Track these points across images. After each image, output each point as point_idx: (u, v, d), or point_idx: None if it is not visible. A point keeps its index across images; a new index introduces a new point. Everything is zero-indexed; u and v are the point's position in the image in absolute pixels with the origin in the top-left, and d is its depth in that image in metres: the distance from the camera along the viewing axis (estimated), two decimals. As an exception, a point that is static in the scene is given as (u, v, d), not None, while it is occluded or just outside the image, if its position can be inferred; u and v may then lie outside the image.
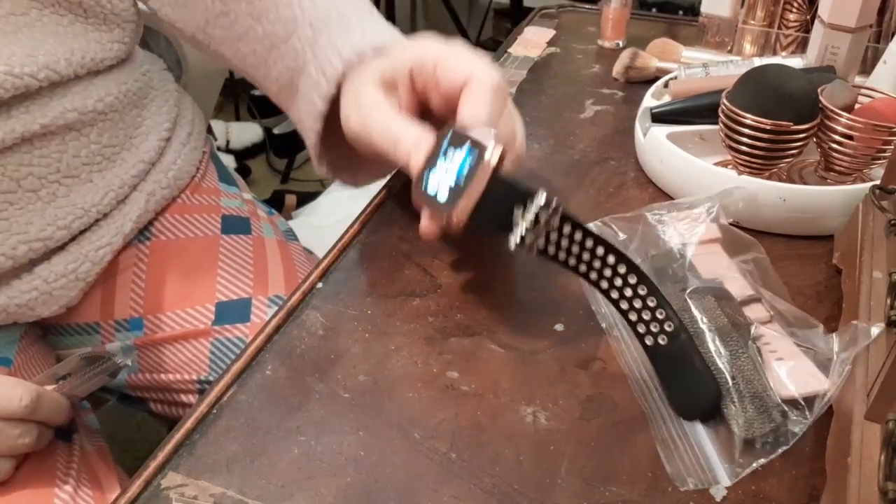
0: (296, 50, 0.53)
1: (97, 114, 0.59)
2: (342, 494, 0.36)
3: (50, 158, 0.56)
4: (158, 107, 0.67)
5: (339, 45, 0.51)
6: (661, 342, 0.40)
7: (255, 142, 2.01)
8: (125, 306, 0.64)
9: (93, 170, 0.59)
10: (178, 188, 0.67)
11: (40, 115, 0.54)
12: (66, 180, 0.57)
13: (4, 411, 0.46)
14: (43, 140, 0.55)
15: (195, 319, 0.63)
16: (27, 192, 0.55)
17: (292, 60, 0.54)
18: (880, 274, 0.41)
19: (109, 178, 0.61)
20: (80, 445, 0.55)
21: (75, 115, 0.56)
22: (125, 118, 0.62)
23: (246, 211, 0.71)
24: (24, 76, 0.52)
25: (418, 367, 0.42)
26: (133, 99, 0.63)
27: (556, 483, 0.36)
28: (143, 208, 0.63)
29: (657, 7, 1.82)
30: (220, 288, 0.64)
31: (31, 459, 0.50)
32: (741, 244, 0.46)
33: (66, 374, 0.50)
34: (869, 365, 0.36)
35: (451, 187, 0.41)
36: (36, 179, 0.55)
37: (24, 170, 0.54)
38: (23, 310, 0.56)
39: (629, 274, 0.40)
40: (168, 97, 0.69)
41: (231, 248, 0.67)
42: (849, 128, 0.50)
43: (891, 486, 0.29)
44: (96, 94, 0.58)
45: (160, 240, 0.65)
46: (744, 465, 0.36)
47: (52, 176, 0.56)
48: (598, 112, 0.68)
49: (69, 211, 0.57)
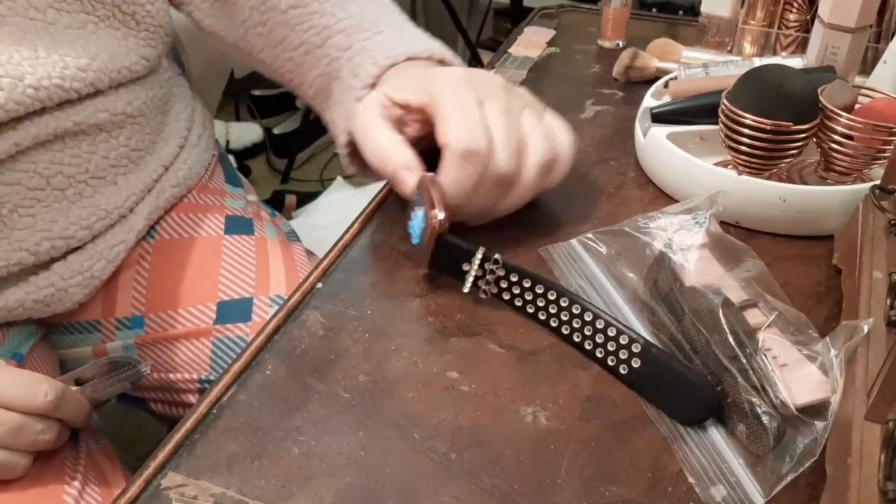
0: (329, 56, 0.57)
1: (126, 116, 0.60)
2: (342, 494, 0.36)
3: (80, 158, 0.57)
4: (178, 113, 0.68)
5: (374, 52, 0.54)
6: (634, 365, 0.40)
7: (255, 142, 2.01)
8: (126, 304, 0.64)
9: (118, 172, 0.60)
10: (187, 188, 0.68)
11: (73, 113, 0.55)
12: (94, 181, 0.58)
13: (29, 406, 0.46)
14: (75, 140, 0.56)
15: (197, 318, 0.63)
16: (55, 190, 0.56)
17: (326, 66, 0.57)
18: (880, 274, 0.41)
19: (132, 182, 0.62)
20: (86, 444, 0.55)
21: (106, 116, 0.57)
22: (151, 123, 0.63)
23: (250, 212, 0.72)
24: (70, 90, 0.53)
25: (418, 367, 0.42)
26: (158, 104, 0.65)
27: (556, 483, 0.36)
28: (153, 205, 0.64)
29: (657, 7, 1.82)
30: (222, 287, 0.64)
31: (39, 458, 0.50)
32: (734, 251, 0.46)
33: (91, 376, 0.50)
34: (869, 365, 0.36)
35: (418, 235, 0.46)
36: (65, 178, 0.56)
37: (54, 168, 0.55)
38: (39, 306, 0.57)
39: (585, 312, 0.42)
40: (186, 103, 0.70)
41: (234, 248, 0.67)
42: (849, 128, 0.50)
43: (891, 486, 0.29)
44: (126, 97, 0.60)
45: (164, 238, 0.66)
46: (776, 482, 0.35)
47: (81, 176, 0.57)
48: (598, 112, 0.68)
49: (92, 212, 0.58)
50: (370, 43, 0.55)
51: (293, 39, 0.59)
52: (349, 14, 0.57)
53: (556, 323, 0.43)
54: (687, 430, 0.38)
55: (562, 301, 0.43)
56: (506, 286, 0.45)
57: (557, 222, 0.53)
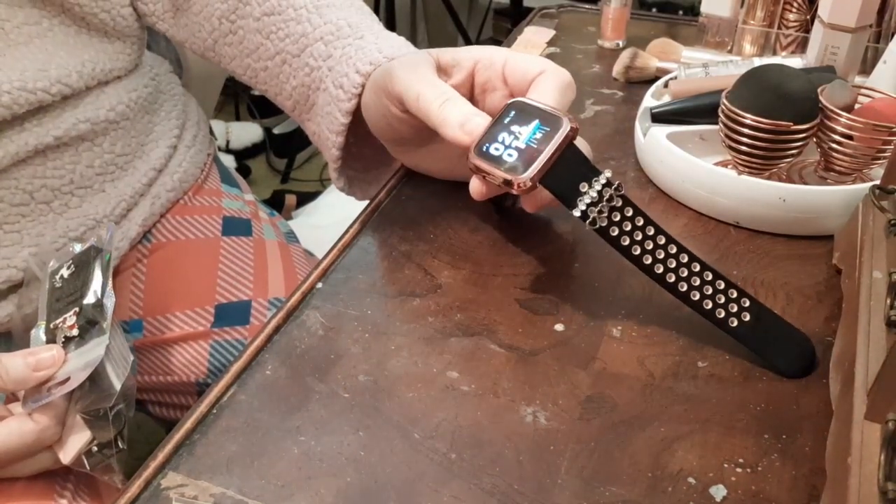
0: (309, 66, 0.53)
1: (109, 123, 0.59)
2: (342, 494, 0.36)
3: (63, 170, 0.56)
4: (168, 112, 0.67)
5: (356, 60, 0.51)
6: (744, 319, 0.41)
7: (255, 142, 2.01)
8: (124, 308, 0.64)
9: (105, 180, 0.59)
10: (182, 190, 0.67)
11: (53, 128, 0.54)
12: (79, 191, 0.57)
13: (59, 416, 0.46)
14: (56, 152, 0.55)
15: (195, 321, 0.63)
16: (40, 203, 0.55)
17: (307, 76, 0.54)
18: (880, 274, 0.41)
19: (121, 188, 0.61)
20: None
21: (88, 126, 0.56)
22: (136, 125, 0.62)
23: (247, 212, 0.71)
24: (37, 91, 0.52)
25: (418, 367, 0.42)
26: (143, 105, 0.63)
27: (556, 483, 0.36)
28: (148, 212, 0.63)
29: (657, 7, 1.82)
30: (220, 290, 0.64)
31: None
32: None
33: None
34: (869, 365, 0.36)
35: (520, 149, 0.42)
36: (49, 191, 0.55)
37: (37, 182, 0.54)
38: (31, 318, 0.56)
39: (692, 262, 0.42)
40: (176, 101, 0.69)
41: (231, 249, 0.67)
42: (849, 128, 0.50)
43: (891, 486, 0.29)
44: (108, 103, 0.58)
45: (160, 241, 0.65)
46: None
47: (66, 187, 0.56)
48: (598, 112, 0.68)
49: (81, 222, 0.57)
50: (351, 49, 0.52)
51: (268, 48, 0.55)
52: (327, 20, 0.53)
53: (662, 269, 0.42)
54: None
55: (670, 248, 0.42)
56: (617, 219, 0.41)
57: (558, 223, 0.53)
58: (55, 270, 0.51)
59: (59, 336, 0.48)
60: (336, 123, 0.51)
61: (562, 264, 0.50)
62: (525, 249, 0.51)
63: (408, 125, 0.47)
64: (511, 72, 0.47)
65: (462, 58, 0.48)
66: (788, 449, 0.37)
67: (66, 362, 0.46)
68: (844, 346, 0.40)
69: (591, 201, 0.41)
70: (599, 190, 0.41)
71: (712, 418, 0.39)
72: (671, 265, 0.42)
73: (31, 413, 0.44)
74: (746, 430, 0.38)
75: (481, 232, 0.52)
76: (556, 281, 0.48)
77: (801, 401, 0.40)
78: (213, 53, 0.60)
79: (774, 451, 0.37)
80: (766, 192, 0.51)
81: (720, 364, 0.42)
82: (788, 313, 0.45)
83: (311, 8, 0.54)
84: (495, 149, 0.42)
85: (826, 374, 0.41)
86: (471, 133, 0.43)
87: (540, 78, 0.45)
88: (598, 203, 0.41)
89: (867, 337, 0.37)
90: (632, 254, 0.42)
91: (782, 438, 0.38)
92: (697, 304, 0.42)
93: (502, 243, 0.51)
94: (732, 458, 0.37)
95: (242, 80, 0.60)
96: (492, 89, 0.48)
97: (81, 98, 0.56)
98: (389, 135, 0.50)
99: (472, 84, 0.48)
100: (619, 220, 0.41)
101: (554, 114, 0.43)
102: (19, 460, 0.45)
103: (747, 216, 0.52)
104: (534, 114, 0.43)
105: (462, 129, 0.43)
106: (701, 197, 0.53)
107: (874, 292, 0.40)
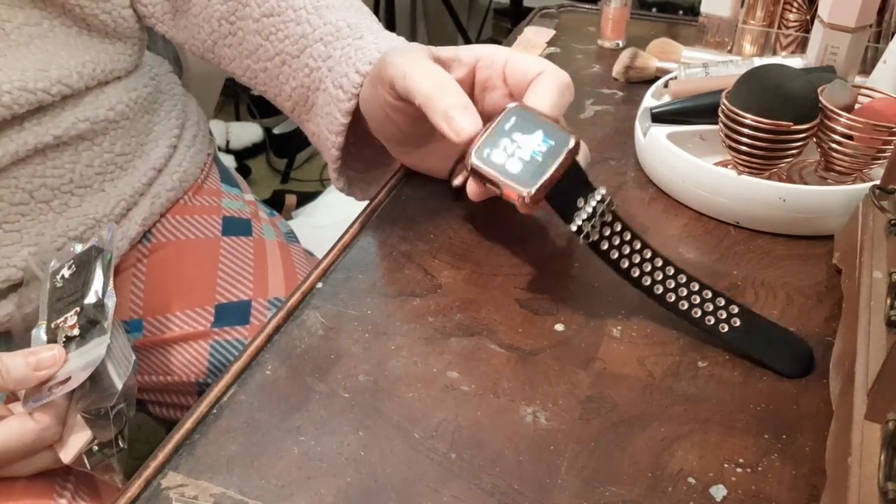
0: (309, 66, 0.53)
1: (109, 123, 0.59)
2: (342, 494, 0.36)
3: (63, 169, 0.56)
4: (167, 111, 0.67)
5: (355, 60, 0.51)
6: (734, 324, 0.42)
7: (255, 142, 2.01)
8: (124, 308, 0.64)
9: (105, 179, 0.59)
10: (182, 190, 0.67)
11: (53, 127, 0.54)
12: (79, 190, 0.57)
13: (60, 416, 0.46)
14: (56, 151, 0.55)
15: (195, 321, 0.63)
16: (39, 203, 0.55)
17: (306, 77, 0.54)
18: (880, 274, 0.41)
19: (121, 187, 0.61)
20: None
21: (87, 125, 0.56)
22: (136, 125, 0.62)
23: (247, 212, 0.71)
24: (37, 91, 0.52)
25: (418, 367, 0.42)
26: (143, 105, 0.63)
27: (556, 483, 0.36)
28: (148, 211, 0.63)
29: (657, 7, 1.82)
30: (220, 290, 0.64)
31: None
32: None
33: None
34: (869, 365, 0.36)
35: (524, 160, 0.42)
36: (48, 191, 0.55)
37: (36, 181, 0.54)
38: (31, 317, 0.56)
39: (678, 274, 0.43)
40: (176, 101, 0.69)
41: (231, 249, 0.67)
42: (849, 128, 0.50)
43: (891, 486, 0.29)
44: (107, 102, 0.58)
45: (160, 241, 0.65)
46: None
47: (65, 187, 0.56)
48: (598, 112, 0.68)
49: (80, 221, 0.57)
50: (350, 50, 0.52)
51: (268, 49, 0.55)
52: (326, 21, 0.53)
53: (649, 282, 0.43)
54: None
55: (656, 261, 0.43)
56: (608, 234, 0.43)
57: (558, 223, 0.53)
58: (56, 270, 0.51)
59: (60, 336, 0.48)
60: (336, 124, 0.51)
61: (562, 264, 0.50)
62: (525, 249, 0.51)
63: (403, 114, 0.47)
64: (511, 71, 0.47)
65: (463, 54, 0.48)
66: (788, 449, 0.37)
67: (67, 362, 0.46)
68: (844, 346, 0.40)
69: (586, 216, 0.42)
70: (594, 206, 0.42)
71: (712, 418, 0.39)
72: (658, 277, 0.43)
73: (32, 412, 0.44)
74: (746, 430, 0.38)
75: (481, 232, 0.52)
76: (556, 281, 0.48)
77: (801, 401, 0.40)
78: (213, 55, 0.60)
79: (774, 451, 0.37)
80: (766, 192, 0.51)
81: (720, 364, 0.42)
82: (788, 313, 0.45)
83: (310, 9, 0.54)
84: (497, 155, 0.43)
85: (826, 374, 0.41)
86: (452, 127, 0.43)
87: (539, 78, 0.45)
88: (591, 218, 0.42)
89: (867, 337, 0.37)
90: (620, 267, 0.43)
91: (782, 438, 0.38)
92: (686, 314, 0.43)
93: (502, 243, 0.51)
94: (732, 458, 0.37)
95: (242, 82, 0.60)
96: (492, 88, 0.48)
97: (81, 98, 0.56)
98: (388, 130, 0.50)
99: (472, 82, 0.48)
100: (608, 235, 0.43)
101: (558, 128, 0.43)
102: (20, 459, 0.45)
103: (747, 216, 0.52)
104: (537, 124, 0.43)
105: (444, 117, 0.43)
106: (701, 197, 0.53)
107: (874, 292, 0.40)
